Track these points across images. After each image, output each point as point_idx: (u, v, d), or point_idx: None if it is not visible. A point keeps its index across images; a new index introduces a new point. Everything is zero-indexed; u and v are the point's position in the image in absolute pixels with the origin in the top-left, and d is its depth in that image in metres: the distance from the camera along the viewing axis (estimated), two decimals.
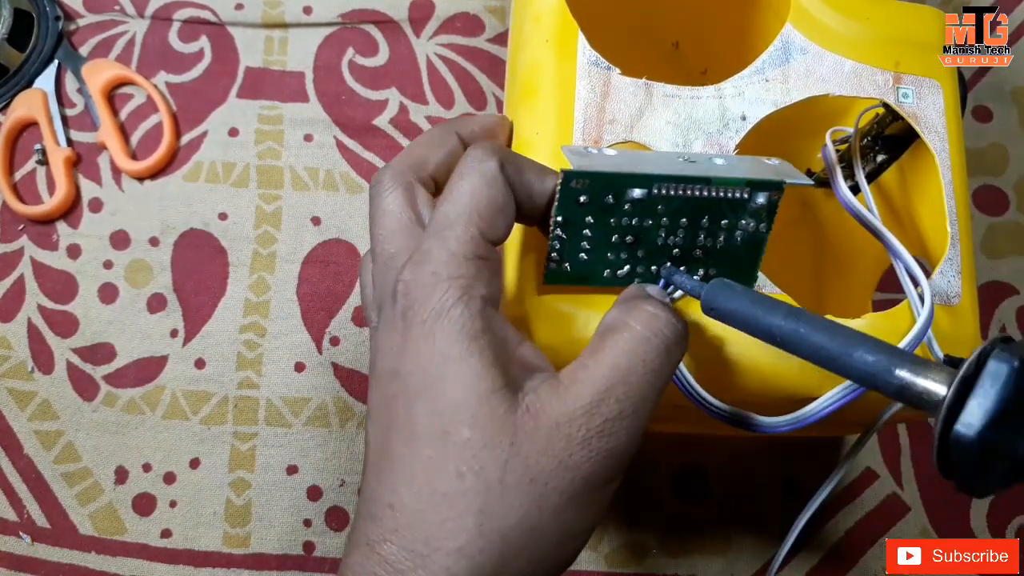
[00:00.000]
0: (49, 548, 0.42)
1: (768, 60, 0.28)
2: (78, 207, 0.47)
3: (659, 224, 0.24)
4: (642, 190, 0.23)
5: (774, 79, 0.28)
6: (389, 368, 0.22)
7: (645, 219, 0.24)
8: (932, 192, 0.29)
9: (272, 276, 0.45)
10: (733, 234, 0.25)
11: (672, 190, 0.23)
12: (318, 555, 0.42)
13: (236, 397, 0.44)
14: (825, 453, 0.44)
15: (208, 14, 0.50)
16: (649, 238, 0.25)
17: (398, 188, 0.25)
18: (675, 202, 0.24)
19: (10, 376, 0.44)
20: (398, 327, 0.22)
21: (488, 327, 0.21)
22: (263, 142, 0.48)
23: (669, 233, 0.24)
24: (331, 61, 0.49)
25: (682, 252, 0.25)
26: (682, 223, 0.24)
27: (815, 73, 0.28)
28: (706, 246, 0.25)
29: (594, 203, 0.24)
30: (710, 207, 0.24)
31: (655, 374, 0.21)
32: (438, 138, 0.27)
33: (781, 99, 0.28)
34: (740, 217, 0.24)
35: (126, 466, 0.43)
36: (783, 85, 0.28)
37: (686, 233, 0.24)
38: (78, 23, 0.50)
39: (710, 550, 0.42)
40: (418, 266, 0.22)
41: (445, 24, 0.50)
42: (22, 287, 0.45)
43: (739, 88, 0.28)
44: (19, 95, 0.48)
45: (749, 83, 0.28)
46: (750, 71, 0.28)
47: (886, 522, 0.43)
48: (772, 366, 0.26)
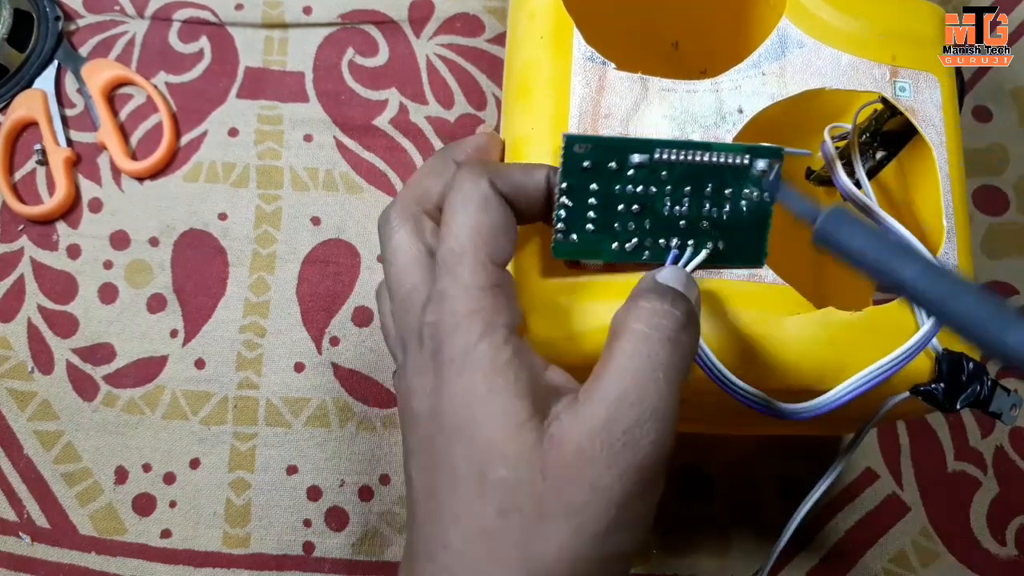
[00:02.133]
0: (49, 548, 0.42)
1: (764, 54, 0.28)
2: (78, 207, 0.47)
3: (663, 192, 0.25)
4: (643, 155, 0.24)
5: (771, 72, 0.28)
6: (426, 410, 0.22)
7: (649, 186, 0.24)
8: (929, 187, 0.29)
9: (272, 276, 0.45)
10: (738, 204, 0.25)
11: (673, 155, 0.24)
12: (318, 555, 0.42)
13: (236, 397, 0.44)
14: (825, 453, 0.44)
15: (208, 14, 0.50)
16: (655, 207, 0.25)
17: (406, 223, 0.25)
18: (677, 168, 0.24)
19: (10, 376, 0.44)
20: (429, 368, 0.22)
21: (514, 356, 0.22)
22: (263, 142, 0.48)
23: (674, 202, 0.25)
24: (331, 61, 0.49)
25: (689, 223, 0.25)
26: (686, 191, 0.25)
27: (812, 67, 0.28)
28: (712, 216, 0.25)
29: (597, 169, 0.24)
30: (712, 174, 0.24)
31: (666, 367, 0.21)
32: (437, 168, 0.27)
33: (778, 92, 0.28)
34: (743, 185, 0.25)
35: (126, 466, 0.43)
36: (780, 79, 0.28)
37: (691, 202, 0.25)
38: (78, 23, 0.50)
39: (710, 550, 0.42)
40: (439, 306, 0.22)
41: (445, 24, 0.50)
42: (22, 287, 0.45)
43: (736, 82, 0.28)
44: (19, 95, 0.48)
45: (746, 76, 0.28)
46: (746, 64, 0.28)
47: (886, 522, 0.43)
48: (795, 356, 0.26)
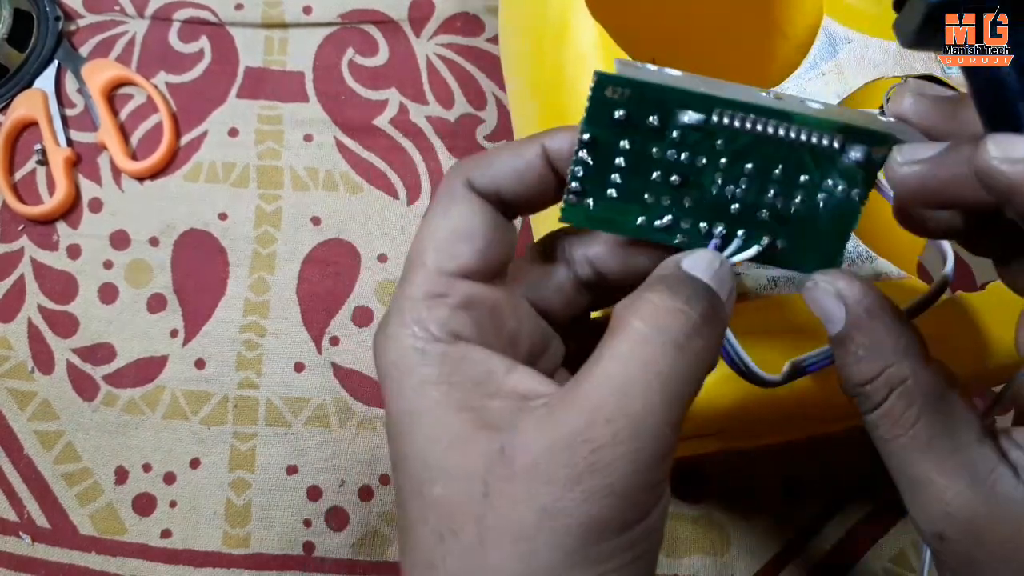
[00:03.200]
0: (49, 548, 0.42)
1: (818, 54, 0.29)
2: (78, 207, 0.47)
3: (716, 166, 0.19)
4: (698, 115, 0.18)
5: (830, 71, 0.29)
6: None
7: (698, 156, 0.19)
8: None
9: (272, 276, 0.45)
10: (814, 198, 0.19)
11: (738, 121, 0.18)
12: (318, 555, 0.42)
13: (236, 397, 0.44)
14: (825, 453, 0.44)
15: (208, 14, 0.50)
16: (701, 182, 0.19)
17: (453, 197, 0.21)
18: (740, 139, 0.19)
19: (10, 376, 0.44)
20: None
21: (453, 371, 0.19)
22: (263, 142, 0.48)
23: (728, 180, 0.19)
24: (331, 61, 0.49)
25: (742, 209, 0.20)
26: (747, 170, 0.19)
27: (866, 59, 0.29)
28: (775, 207, 0.20)
29: (633, 123, 0.19)
30: (787, 155, 0.19)
31: (664, 379, 0.17)
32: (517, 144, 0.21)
33: (842, 89, 0.28)
34: (827, 175, 0.19)
35: (126, 466, 0.43)
36: (839, 75, 0.28)
37: (750, 185, 0.19)
38: (78, 23, 0.50)
39: (710, 550, 0.42)
40: (383, 322, 0.20)
41: (445, 24, 0.50)
42: (22, 287, 0.45)
43: (799, 85, 0.28)
44: (19, 95, 0.48)
45: (807, 79, 0.28)
46: (805, 67, 0.29)
47: (886, 522, 0.43)
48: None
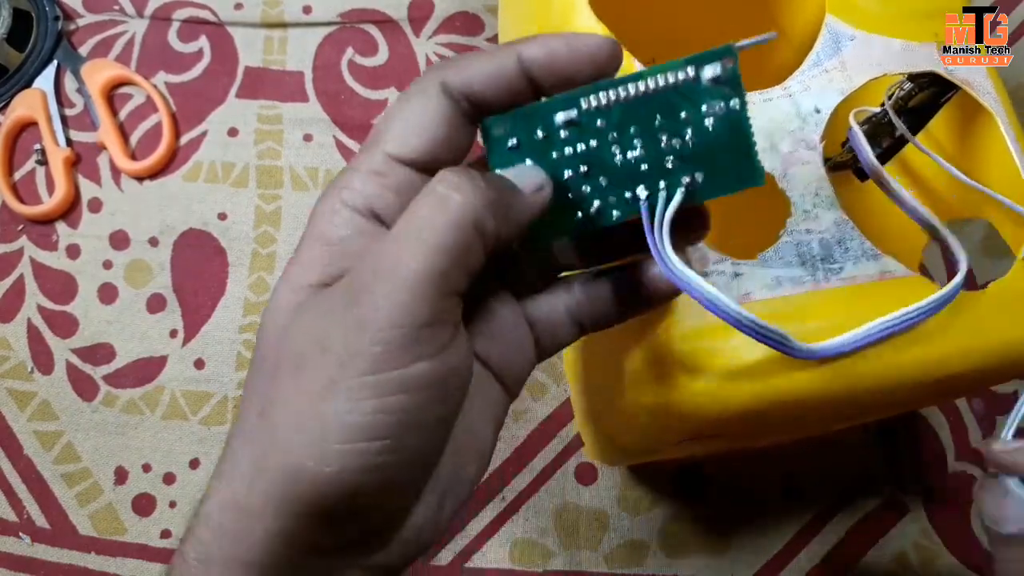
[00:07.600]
0: (49, 548, 0.42)
1: (822, 51, 0.29)
2: (77, 207, 0.47)
3: (607, 142, 0.21)
4: (568, 111, 0.21)
5: (833, 69, 0.29)
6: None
7: (588, 141, 0.21)
8: (996, 153, 0.29)
9: (272, 276, 0.45)
10: (702, 125, 0.20)
11: (603, 99, 0.20)
12: None
13: (236, 397, 0.44)
14: (825, 453, 0.44)
15: (207, 14, 0.50)
16: (604, 160, 0.21)
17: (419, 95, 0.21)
18: (614, 112, 0.21)
19: (10, 376, 0.44)
20: None
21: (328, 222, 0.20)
22: (263, 142, 0.48)
23: (625, 147, 0.21)
24: (330, 61, 0.49)
25: (651, 165, 0.21)
26: (632, 132, 0.21)
27: (869, 56, 0.29)
28: (676, 150, 0.21)
29: (526, 144, 0.21)
30: (659, 104, 0.20)
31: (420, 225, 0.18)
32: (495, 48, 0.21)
33: (845, 86, 0.28)
34: (700, 102, 0.20)
35: (126, 466, 0.43)
36: (843, 73, 0.29)
37: (645, 142, 0.21)
38: (77, 23, 0.50)
39: (710, 550, 0.42)
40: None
41: (445, 23, 0.50)
42: (22, 287, 0.45)
43: (804, 83, 0.28)
44: (19, 95, 0.48)
45: (811, 76, 0.28)
46: (808, 65, 0.29)
47: (886, 522, 0.43)
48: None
